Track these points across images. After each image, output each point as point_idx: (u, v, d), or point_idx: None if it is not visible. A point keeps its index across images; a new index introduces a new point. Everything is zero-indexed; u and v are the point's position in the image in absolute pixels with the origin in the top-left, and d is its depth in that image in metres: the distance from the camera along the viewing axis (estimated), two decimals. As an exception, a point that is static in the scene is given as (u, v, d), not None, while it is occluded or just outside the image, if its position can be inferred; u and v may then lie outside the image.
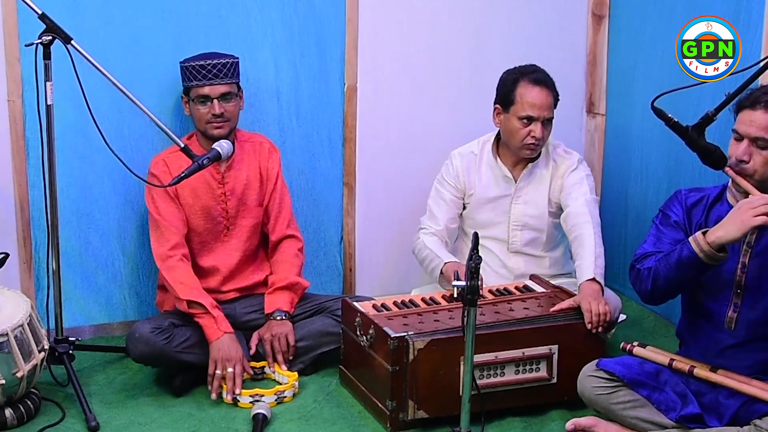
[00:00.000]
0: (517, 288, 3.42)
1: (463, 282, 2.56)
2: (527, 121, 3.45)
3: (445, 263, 3.46)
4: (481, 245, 3.47)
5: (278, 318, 3.40)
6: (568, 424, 2.95)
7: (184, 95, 3.45)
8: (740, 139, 2.73)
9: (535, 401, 3.13)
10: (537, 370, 3.11)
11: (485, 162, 3.63)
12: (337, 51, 3.83)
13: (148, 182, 3.34)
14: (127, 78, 3.15)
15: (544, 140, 3.51)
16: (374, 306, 3.27)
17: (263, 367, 3.39)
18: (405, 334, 2.99)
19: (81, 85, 3.01)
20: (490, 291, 3.38)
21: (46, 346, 3.09)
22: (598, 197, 3.60)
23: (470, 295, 2.54)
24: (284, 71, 3.78)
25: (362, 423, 3.11)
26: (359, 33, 3.84)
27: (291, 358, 3.38)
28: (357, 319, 3.20)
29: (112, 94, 3.10)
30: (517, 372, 3.09)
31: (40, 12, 2.99)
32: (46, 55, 3.03)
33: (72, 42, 3.01)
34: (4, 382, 2.90)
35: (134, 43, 3.54)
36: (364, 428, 3.08)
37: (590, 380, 2.94)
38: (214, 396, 3.21)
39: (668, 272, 2.79)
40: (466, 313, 2.58)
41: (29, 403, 3.05)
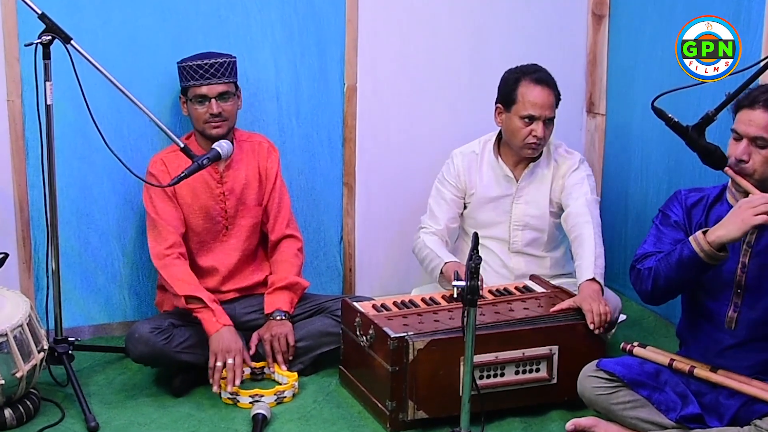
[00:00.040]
0: (517, 288, 3.42)
1: (463, 282, 2.55)
2: (529, 120, 3.45)
3: (446, 263, 3.46)
4: (481, 245, 3.50)
5: (278, 318, 3.40)
6: (568, 425, 2.95)
7: (181, 95, 3.45)
8: (739, 138, 2.73)
9: (536, 402, 3.13)
10: (537, 370, 3.10)
11: (486, 161, 3.62)
12: (336, 51, 3.83)
13: (148, 182, 3.34)
14: (126, 78, 3.14)
15: (546, 140, 3.51)
16: (374, 306, 3.27)
17: (263, 367, 3.38)
18: (405, 334, 2.99)
19: (80, 85, 3.00)
20: (490, 291, 3.38)
21: (46, 347, 3.09)
22: (599, 197, 3.60)
23: (470, 295, 2.54)
24: (284, 71, 3.78)
25: (362, 423, 3.11)
26: (359, 33, 3.83)
27: (291, 358, 3.37)
28: (357, 320, 3.19)
29: (111, 94, 3.09)
30: (517, 372, 3.08)
31: (39, 12, 2.99)
32: (46, 55, 3.03)
33: (71, 42, 3.01)
34: (3, 382, 2.90)
35: (134, 43, 3.54)
36: (364, 428, 3.08)
37: (590, 380, 2.94)
38: (216, 388, 3.20)
39: (668, 272, 2.79)
40: (466, 314, 2.58)
41: (29, 403, 3.05)
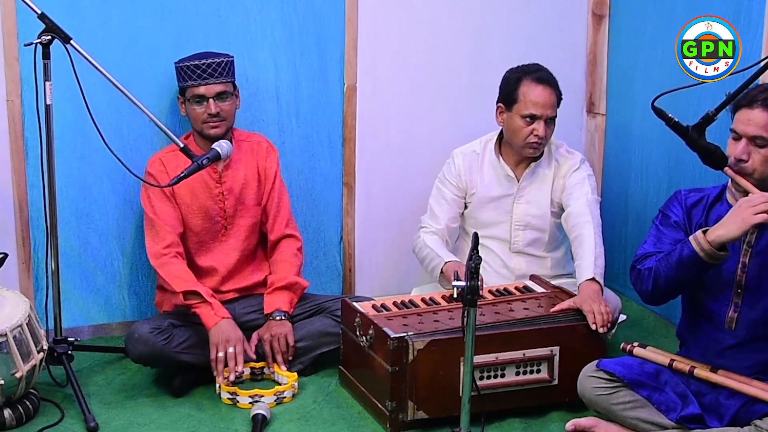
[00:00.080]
0: (517, 288, 3.42)
1: (463, 282, 2.55)
2: (530, 119, 3.45)
3: (446, 262, 3.46)
4: (482, 245, 3.50)
5: (277, 318, 3.40)
6: (569, 425, 2.95)
7: (179, 95, 3.45)
8: (738, 138, 2.73)
9: (536, 403, 3.12)
10: (538, 371, 3.10)
11: (487, 161, 3.62)
12: (336, 51, 3.82)
13: (148, 182, 3.33)
14: (126, 78, 3.14)
15: (547, 139, 3.51)
16: (374, 306, 3.27)
17: (262, 367, 3.38)
18: (405, 334, 2.98)
19: (80, 85, 3.00)
20: (490, 291, 3.37)
21: (45, 347, 3.08)
22: (599, 197, 3.59)
23: (470, 295, 2.54)
24: (284, 71, 3.77)
25: (362, 423, 3.10)
26: (359, 33, 3.83)
27: (290, 358, 3.37)
28: (357, 320, 3.19)
29: (111, 93, 3.09)
30: (518, 373, 3.08)
31: (39, 12, 2.99)
32: (45, 55, 3.02)
33: (71, 42, 3.01)
34: (2, 382, 2.90)
35: (133, 43, 3.54)
36: (364, 429, 3.07)
37: (590, 381, 2.94)
38: (221, 380, 3.20)
39: (669, 272, 2.79)
40: (465, 314, 2.58)
41: (28, 403, 3.05)
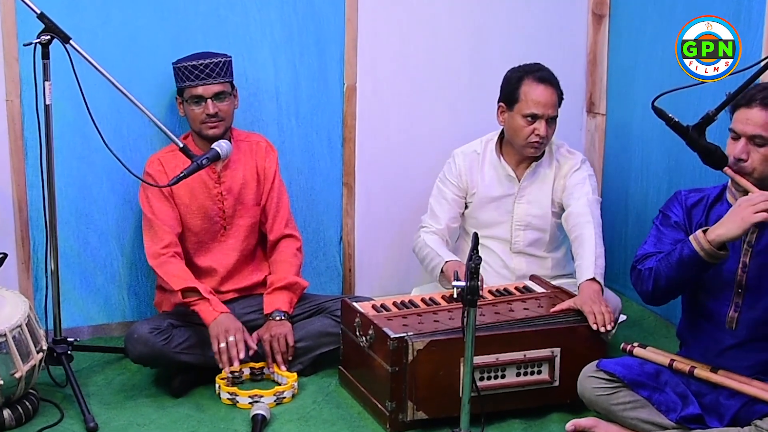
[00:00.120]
0: (517, 288, 3.41)
1: (462, 282, 2.55)
2: (531, 119, 3.45)
3: (446, 262, 3.45)
4: (483, 245, 3.50)
5: (277, 318, 3.39)
6: (568, 425, 2.95)
7: (178, 96, 3.44)
8: (737, 137, 2.73)
9: (537, 404, 3.12)
10: (539, 372, 3.09)
11: (488, 161, 3.62)
12: (336, 51, 3.82)
13: (147, 182, 3.33)
14: (125, 77, 3.14)
15: (548, 138, 3.50)
16: (374, 306, 3.26)
17: (262, 367, 3.37)
18: (404, 334, 2.98)
19: (80, 85, 3.00)
20: (490, 291, 3.37)
21: (45, 347, 3.08)
22: (600, 198, 3.59)
23: (470, 295, 2.53)
24: (283, 71, 3.77)
25: (361, 424, 3.10)
26: (358, 33, 3.83)
27: (290, 358, 3.37)
28: (356, 320, 3.19)
29: (110, 93, 3.09)
30: (518, 374, 3.07)
31: (38, 11, 2.98)
32: (45, 55, 3.02)
33: (71, 41, 3.01)
34: (2, 382, 2.89)
35: (133, 43, 3.54)
36: (364, 429, 3.07)
37: (590, 381, 2.94)
38: (227, 370, 3.19)
39: (669, 272, 2.78)
40: (465, 314, 2.57)
41: (27, 404, 3.04)
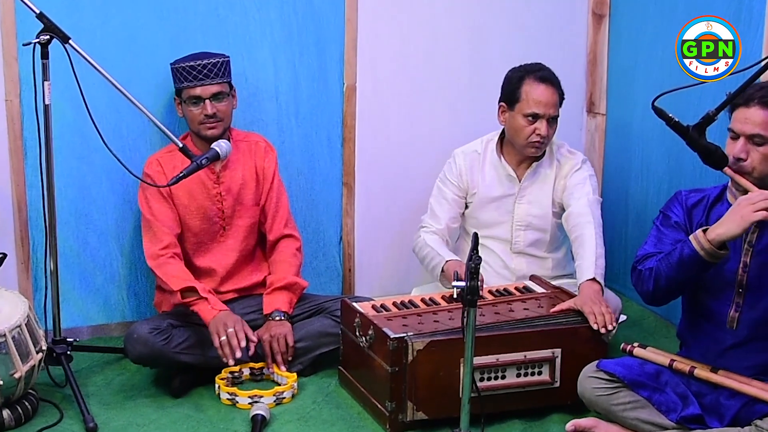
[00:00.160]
0: (517, 288, 3.41)
1: (462, 282, 2.54)
2: (532, 118, 3.44)
3: (447, 261, 3.45)
4: (483, 245, 3.49)
5: (277, 318, 3.39)
6: (569, 425, 2.94)
7: (176, 97, 3.44)
8: (736, 137, 2.73)
9: (538, 405, 3.12)
10: (539, 373, 3.09)
11: (489, 161, 3.61)
12: (336, 50, 3.82)
13: (147, 182, 3.33)
14: (125, 77, 3.14)
15: (549, 138, 3.50)
16: (373, 306, 3.26)
17: (262, 368, 3.37)
18: (404, 334, 2.98)
19: (79, 85, 3.00)
20: (490, 291, 3.36)
21: (44, 347, 3.08)
22: (601, 198, 3.59)
23: (470, 295, 2.53)
24: (283, 71, 3.77)
25: (361, 424, 3.10)
26: (358, 32, 3.83)
27: (290, 358, 3.36)
28: (356, 320, 3.18)
29: (110, 93, 3.08)
30: (518, 375, 3.07)
31: (38, 11, 2.98)
32: (44, 55, 3.01)
33: (70, 41, 3.00)
34: (1, 383, 2.89)
35: (132, 42, 3.54)
36: (364, 429, 3.07)
37: (591, 381, 2.94)
38: (231, 362, 3.19)
39: (669, 272, 2.78)
40: (465, 314, 2.57)
41: (27, 404, 3.04)
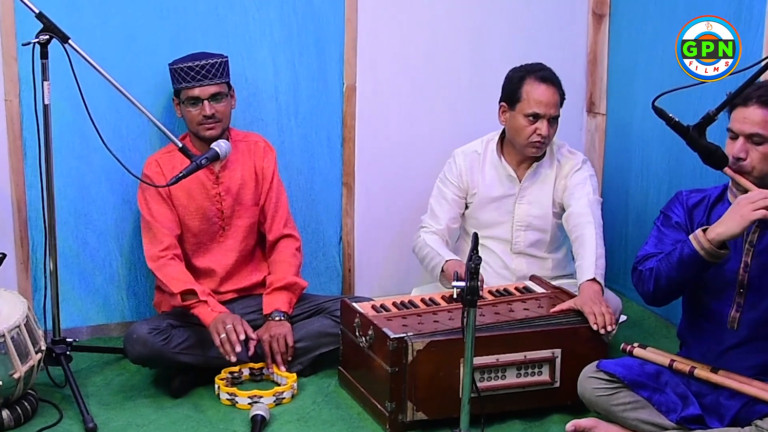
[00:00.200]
0: (516, 289, 3.41)
1: (462, 283, 2.54)
2: (533, 118, 3.44)
3: (446, 261, 3.45)
4: (483, 246, 3.49)
5: (277, 319, 3.39)
6: (569, 425, 2.94)
7: (174, 97, 3.44)
8: (735, 137, 2.73)
9: (538, 405, 3.11)
10: (539, 373, 3.08)
11: (489, 161, 3.61)
12: (335, 50, 3.82)
13: (146, 182, 3.32)
14: (124, 77, 3.13)
15: (550, 138, 3.50)
16: (373, 307, 3.26)
17: (262, 368, 3.37)
18: (404, 335, 2.97)
19: (78, 85, 2.99)
20: (490, 291, 3.36)
21: (43, 347, 3.07)
22: (601, 198, 3.59)
23: (470, 296, 2.53)
24: (283, 71, 3.77)
25: (361, 424, 3.10)
26: (358, 32, 3.83)
27: (290, 359, 3.36)
28: (356, 320, 3.18)
29: (109, 93, 3.08)
30: (519, 375, 3.07)
31: (37, 11, 2.98)
32: (44, 55, 3.01)
33: (69, 41, 3.00)
34: (1, 383, 2.89)
35: (132, 42, 3.53)
36: (363, 430, 3.07)
37: (590, 381, 2.93)
38: (233, 359, 3.19)
39: (670, 272, 2.78)
40: (465, 314, 2.57)
41: (26, 404, 3.04)
